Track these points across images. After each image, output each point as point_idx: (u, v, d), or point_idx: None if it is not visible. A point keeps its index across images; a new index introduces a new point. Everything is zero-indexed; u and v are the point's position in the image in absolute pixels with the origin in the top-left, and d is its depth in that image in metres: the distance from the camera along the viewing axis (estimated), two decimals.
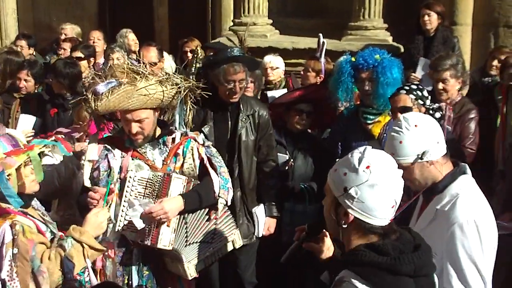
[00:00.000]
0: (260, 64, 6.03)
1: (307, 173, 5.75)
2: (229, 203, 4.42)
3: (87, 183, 4.19)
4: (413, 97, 4.88)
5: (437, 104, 5.03)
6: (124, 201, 4.09)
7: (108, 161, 4.18)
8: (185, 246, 4.17)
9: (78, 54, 7.90)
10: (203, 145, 4.39)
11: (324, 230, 3.13)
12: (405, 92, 4.92)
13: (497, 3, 9.02)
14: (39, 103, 7.08)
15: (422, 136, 3.31)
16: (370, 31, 9.32)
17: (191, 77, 6.03)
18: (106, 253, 4.16)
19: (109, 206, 4.09)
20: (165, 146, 4.28)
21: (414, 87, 4.99)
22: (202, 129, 5.27)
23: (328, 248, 3.19)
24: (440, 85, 5.83)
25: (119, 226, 4.10)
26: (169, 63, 8.15)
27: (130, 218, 4.05)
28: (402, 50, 8.61)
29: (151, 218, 4.01)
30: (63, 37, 9.49)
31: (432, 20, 7.78)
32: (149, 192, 4.08)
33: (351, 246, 2.71)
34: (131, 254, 4.21)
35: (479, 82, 7.47)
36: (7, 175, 3.46)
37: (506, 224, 4.25)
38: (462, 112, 5.83)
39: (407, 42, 8.29)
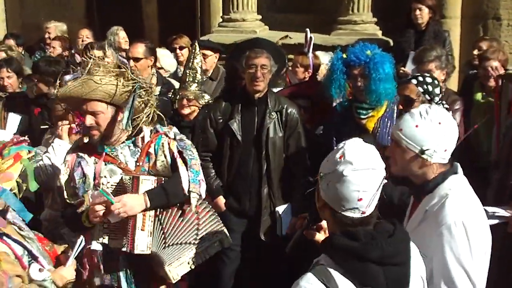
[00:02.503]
0: (286, 58, 5.98)
1: None
2: (203, 196, 4.26)
3: (65, 186, 4.10)
4: (421, 90, 4.82)
5: (447, 106, 4.96)
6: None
7: (82, 168, 4.08)
8: (164, 248, 4.03)
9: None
10: (174, 139, 4.25)
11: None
12: (416, 82, 4.87)
13: None
14: (25, 102, 7.03)
15: (438, 135, 3.22)
16: (359, 25, 9.34)
17: (188, 72, 6.06)
18: (92, 263, 4.11)
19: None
20: (136, 147, 4.17)
21: (429, 80, 4.90)
22: (229, 123, 5.27)
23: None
24: None
25: (98, 234, 4.03)
26: (170, 61, 8.11)
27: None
28: (392, 44, 8.62)
29: (115, 217, 3.91)
30: (46, 35, 9.45)
31: (423, 14, 7.81)
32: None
33: (330, 231, 2.77)
34: (118, 261, 4.10)
35: (467, 75, 7.50)
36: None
37: (500, 212, 4.23)
38: (447, 103, 5.81)
39: (396, 37, 8.30)
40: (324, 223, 3.14)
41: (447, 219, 3.11)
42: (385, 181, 2.65)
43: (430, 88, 4.87)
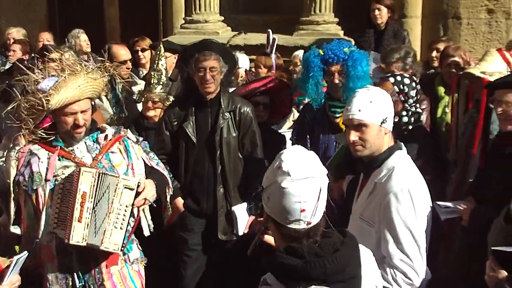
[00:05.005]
0: (236, 58, 5.98)
1: None
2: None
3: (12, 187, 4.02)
4: (397, 89, 4.80)
5: (419, 110, 4.98)
6: (54, 199, 3.95)
7: (31, 167, 4.00)
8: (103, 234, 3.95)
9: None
10: (136, 142, 4.34)
11: None
12: (393, 81, 4.86)
13: None
14: None
15: (386, 103, 3.65)
16: (321, 26, 9.39)
17: (152, 74, 6.05)
18: (46, 258, 4.06)
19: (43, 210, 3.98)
20: (96, 143, 4.14)
21: (406, 81, 4.87)
22: (184, 125, 5.26)
23: None
24: None
25: (49, 225, 3.95)
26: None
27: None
28: (353, 44, 8.68)
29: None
30: (11, 41, 9.33)
31: (382, 14, 7.90)
32: (71, 187, 3.90)
33: (276, 245, 2.67)
34: (71, 255, 4.05)
35: (423, 75, 7.56)
36: None
37: (452, 207, 4.26)
38: None
39: (358, 37, 8.37)
40: None
41: (394, 187, 3.49)
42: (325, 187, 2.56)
43: (406, 89, 4.84)
